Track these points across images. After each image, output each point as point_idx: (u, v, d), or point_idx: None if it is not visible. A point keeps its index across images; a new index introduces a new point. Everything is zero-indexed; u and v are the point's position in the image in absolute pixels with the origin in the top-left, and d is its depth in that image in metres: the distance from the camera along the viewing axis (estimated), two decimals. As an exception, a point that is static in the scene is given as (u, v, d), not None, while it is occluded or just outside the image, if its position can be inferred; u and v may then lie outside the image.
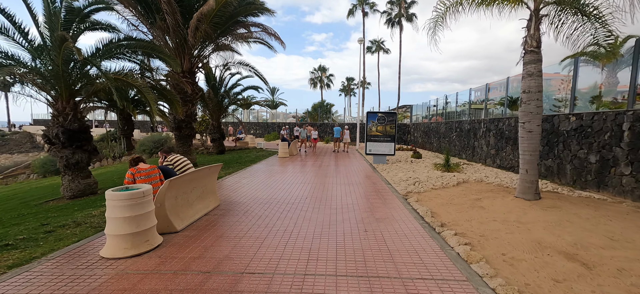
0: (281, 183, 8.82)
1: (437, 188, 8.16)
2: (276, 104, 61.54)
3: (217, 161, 14.91)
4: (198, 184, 5.46)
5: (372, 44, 44.52)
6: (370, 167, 12.51)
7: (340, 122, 31.17)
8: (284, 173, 10.81)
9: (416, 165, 12.88)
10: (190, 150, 12.56)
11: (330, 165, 13.02)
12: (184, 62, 11.99)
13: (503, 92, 13.69)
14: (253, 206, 6.30)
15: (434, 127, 20.16)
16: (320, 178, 9.75)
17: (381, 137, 13.32)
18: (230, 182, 9.02)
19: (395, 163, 13.79)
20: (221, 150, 19.04)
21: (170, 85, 12.15)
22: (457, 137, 16.17)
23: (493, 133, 12.52)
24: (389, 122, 13.26)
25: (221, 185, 8.61)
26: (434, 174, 10.35)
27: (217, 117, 18.55)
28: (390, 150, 13.32)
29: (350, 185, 8.71)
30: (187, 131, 12.33)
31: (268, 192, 7.68)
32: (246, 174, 10.50)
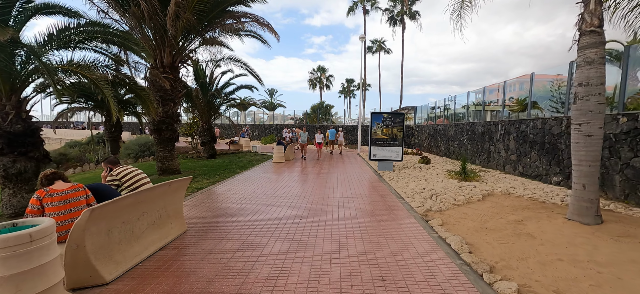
0: (271, 197, 7.37)
1: (461, 203, 6.72)
2: (274, 105, 60.17)
3: (206, 166, 13.46)
4: (151, 207, 4.01)
5: (373, 44, 43.22)
6: (375, 175, 11.08)
7: (335, 125, 29.78)
8: (277, 182, 9.37)
9: (427, 173, 11.45)
10: (171, 155, 11.10)
11: (330, 172, 11.58)
12: (164, 56, 10.55)
13: (521, 91, 12.31)
14: (231, 232, 4.85)
15: (441, 129, 18.74)
16: (318, 190, 8.31)
17: (387, 141, 11.90)
18: (210, 196, 7.57)
19: (402, 169, 12.36)
20: (212, 154, 17.58)
21: (149, 81, 10.72)
22: (469, 141, 14.76)
23: (513, 137, 11.11)
24: (396, 124, 11.85)
25: (198, 199, 7.15)
26: (451, 184, 8.92)
27: (207, 118, 17.09)
28: (397, 155, 11.89)
29: (354, 198, 7.27)
30: (168, 133, 10.88)
31: (254, 210, 6.22)
32: (232, 184, 9.05)
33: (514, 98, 13.85)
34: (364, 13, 33.90)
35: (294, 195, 7.54)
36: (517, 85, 15.30)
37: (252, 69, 14.51)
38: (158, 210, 4.20)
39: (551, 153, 9.19)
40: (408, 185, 8.97)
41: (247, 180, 9.77)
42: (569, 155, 8.41)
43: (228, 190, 8.14)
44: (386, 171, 11.71)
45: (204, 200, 7.00)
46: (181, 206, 4.73)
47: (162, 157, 10.93)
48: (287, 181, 9.57)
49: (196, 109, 16.52)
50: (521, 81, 12.79)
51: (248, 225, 5.21)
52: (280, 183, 9.14)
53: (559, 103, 10.22)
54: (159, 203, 4.19)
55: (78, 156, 21.40)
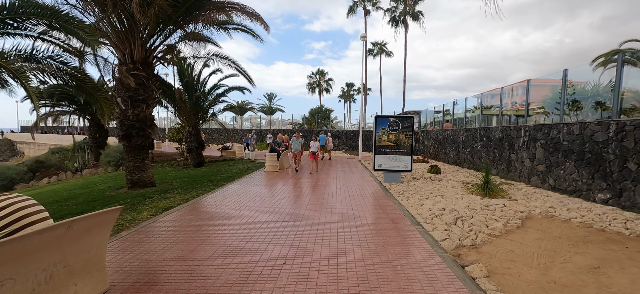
0: (253, 222, 5.80)
1: (498, 234, 5.15)
2: (272, 110, 58.72)
3: (187, 177, 11.89)
4: (44, 260, 2.46)
5: (373, 47, 41.89)
6: (380, 188, 9.51)
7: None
8: (265, 199, 7.80)
9: (440, 185, 9.88)
10: (144, 165, 9.54)
11: (328, 185, 10.01)
12: (134, 49, 9.04)
13: (548, 92, 10.81)
14: (180, 289, 3.29)
15: (449, 135, 17.21)
16: (313, 210, 6.73)
17: (394, 149, 10.35)
18: (174, 220, 5.99)
19: (411, 181, 10.80)
20: (199, 161, 16.02)
21: (116, 79, 9.21)
22: (484, 148, 13.22)
23: (541, 144, 9.57)
24: (405, 129, 10.31)
25: (154, 227, 5.58)
26: (474, 202, 7.37)
27: (193, 123, 15.56)
28: (406, 165, 10.34)
29: (358, 224, 5.70)
30: (140, 140, 9.32)
31: (225, 244, 4.66)
32: (209, 202, 7.48)
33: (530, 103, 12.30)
34: (364, 13, 32.52)
35: (282, 219, 5.96)
36: (539, 89, 13.79)
37: (241, 68, 13.00)
38: (57, 263, 2.64)
39: (594, 165, 7.64)
40: (422, 203, 7.40)
41: (229, 195, 8.20)
42: (620, 167, 6.87)
43: (200, 211, 6.57)
44: (393, 184, 10.15)
45: (162, 229, 5.42)
46: (101, 254, 3.15)
47: (132, 167, 9.36)
48: (276, 197, 8.00)
49: (181, 112, 14.98)
50: (547, 84, 11.33)
51: (208, 274, 3.64)
52: (268, 201, 7.57)
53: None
54: (58, 252, 2.63)
55: (57, 164, 19.85)
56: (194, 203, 7.29)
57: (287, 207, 6.89)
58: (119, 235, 5.04)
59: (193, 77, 15.20)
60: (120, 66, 9.03)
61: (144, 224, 5.57)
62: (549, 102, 10.35)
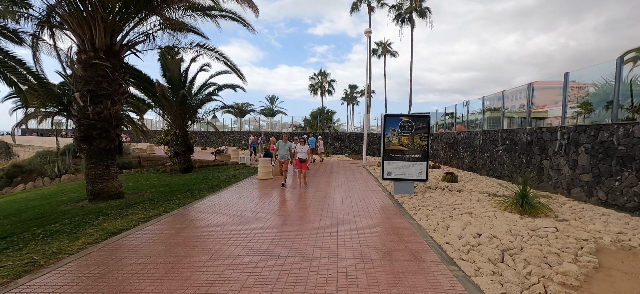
0: (221, 256, 4.23)
1: (575, 282, 3.51)
2: (273, 112, 57.28)
3: (167, 185, 10.37)
4: None
5: (378, 46, 40.36)
6: (391, 201, 7.89)
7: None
8: (247, 217, 6.22)
9: (462, 198, 8.25)
10: (109, 174, 8.02)
11: (327, 197, 8.41)
12: (95, 35, 7.54)
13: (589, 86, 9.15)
14: None
15: (464, 138, 15.55)
16: (306, 237, 5.14)
17: (406, 153, 8.74)
18: (114, 253, 4.44)
19: (426, 191, 9.17)
20: (187, 167, 14.52)
21: (73, 70, 7.72)
22: (507, 152, 11.55)
23: (586, 149, 7.91)
24: (419, 131, 8.69)
25: (88, 260, 4.03)
26: (512, 221, 5.75)
27: (180, 124, 14.06)
28: (420, 173, 8.71)
29: (365, 262, 4.09)
30: (103, 143, 7.81)
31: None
32: (176, 221, 5.92)
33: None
34: (368, 9, 31.01)
35: (262, 252, 4.38)
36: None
37: (230, 62, 11.49)
38: None
39: (666, 175, 5.98)
40: (448, 224, 5.77)
41: (203, 212, 6.63)
42: None
43: (156, 238, 5.00)
44: (405, 196, 8.52)
45: (88, 271, 3.86)
46: None
47: (93, 176, 7.84)
48: (261, 215, 6.42)
49: (166, 112, 13.48)
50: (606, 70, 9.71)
51: None
52: (250, 221, 5.99)
53: None
54: None
55: (38, 169, 18.44)
56: (156, 223, 5.72)
57: (272, 232, 5.30)
58: (16, 282, 3.48)
59: (180, 73, 13.72)
60: (78, 54, 7.54)
61: (66, 262, 4.01)
62: (597, 96, 8.66)
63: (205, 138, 35.27)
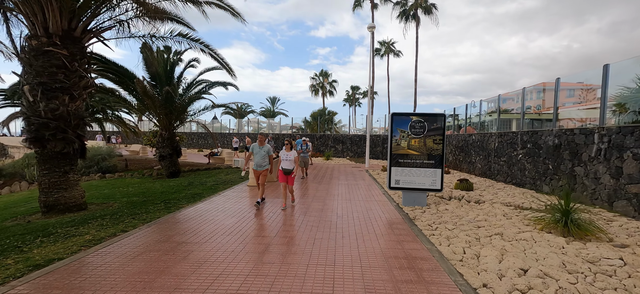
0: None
1: None
2: (274, 113, 56.12)
3: (145, 193, 9.18)
4: None
5: (381, 46, 39.14)
6: (399, 215, 6.61)
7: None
8: (221, 238, 4.98)
9: (484, 212, 6.96)
10: (67, 181, 6.81)
11: (325, 210, 7.15)
12: (48, 17, 6.35)
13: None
14: None
15: (476, 140, 14.25)
16: (292, 274, 3.89)
17: (418, 159, 7.46)
18: (39, 290, 3.20)
19: (440, 202, 7.88)
20: (174, 171, 13.31)
21: (22, 59, 6.52)
22: (529, 157, 10.25)
23: (634, 154, 6.60)
24: (433, 132, 7.41)
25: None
26: (558, 247, 4.49)
27: (165, 124, 12.86)
28: (434, 182, 7.43)
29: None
30: (59, 145, 6.59)
31: None
32: (126, 246, 4.67)
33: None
34: (371, 6, 29.73)
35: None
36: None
37: (218, 54, 10.26)
38: None
39: None
40: (478, 251, 4.49)
41: (166, 231, 5.39)
42: None
43: (88, 276, 3.76)
44: (417, 208, 7.25)
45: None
46: None
47: (48, 185, 6.62)
48: (238, 238, 5.17)
49: (149, 111, 12.28)
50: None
51: None
52: (221, 245, 4.75)
53: None
54: None
55: (19, 172, 17.31)
56: (101, 250, 4.48)
57: (247, 265, 4.04)
58: None
59: (166, 68, 12.52)
60: (28, 40, 6.35)
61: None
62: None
63: (202, 139, 34.14)
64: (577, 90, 12.33)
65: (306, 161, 12.28)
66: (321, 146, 26.10)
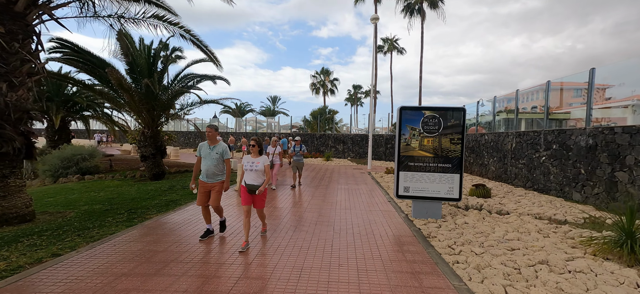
0: None
1: None
2: (275, 113, 54.95)
3: (113, 200, 8.02)
4: None
5: (384, 43, 37.87)
6: (411, 232, 5.38)
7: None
8: (178, 266, 3.78)
9: (515, 228, 5.72)
10: (6, 188, 5.62)
11: (320, 223, 5.92)
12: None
13: None
14: None
15: (489, 140, 12.98)
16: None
17: (431, 162, 6.22)
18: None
19: (457, 213, 6.64)
20: (157, 173, 12.12)
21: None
22: (554, 159, 8.99)
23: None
24: (450, 130, 6.17)
25: None
26: (633, 285, 3.23)
27: (148, 121, 11.68)
28: (451, 190, 6.19)
29: None
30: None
31: None
32: (35, 289, 3.47)
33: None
34: (375, 1, 28.45)
35: None
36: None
37: (201, 41, 9.05)
38: None
39: None
40: (523, 291, 3.25)
41: (109, 259, 4.18)
42: None
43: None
44: (430, 221, 6.00)
45: None
46: None
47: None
48: (196, 269, 3.96)
49: (128, 106, 11.09)
50: None
51: None
52: (171, 283, 3.54)
53: None
54: None
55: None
56: (61, 265, 3.28)
57: None
58: None
59: (149, 59, 11.31)
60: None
61: None
62: None
63: (199, 139, 32.98)
64: (600, 89, 11.12)
65: (300, 165, 9.89)
66: (321, 146, 24.88)
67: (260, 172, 4.41)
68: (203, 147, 4.70)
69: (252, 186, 4.42)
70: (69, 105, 19.26)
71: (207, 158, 4.64)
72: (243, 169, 4.48)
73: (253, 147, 4.46)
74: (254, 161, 4.42)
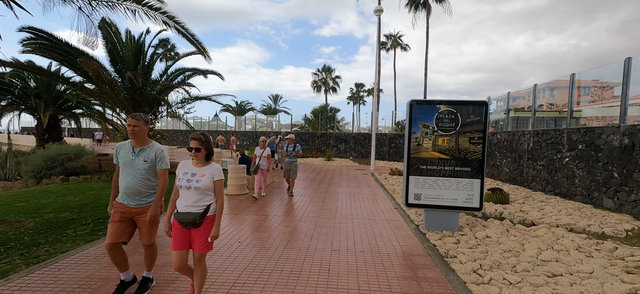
0: None
1: None
2: (275, 111, 54.13)
3: (98, 201, 7.16)
4: None
5: (387, 39, 36.88)
6: (424, 249, 4.49)
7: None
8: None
9: (549, 245, 4.81)
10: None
11: (315, 236, 5.04)
12: None
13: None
14: None
15: (502, 139, 12.03)
16: None
17: (447, 165, 5.31)
18: None
19: (475, 224, 5.73)
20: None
21: None
22: (580, 161, 8.05)
23: None
24: (469, 128, 5.26)
25: None
26: None
27: (134, 119, 10.77)
28: (470, 197, 5.28)
29: None
30: None
31: None
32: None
33: None
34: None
35: None
36: None
37: (186, 29, 8.17)
38: None
39: None
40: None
41: (51, 286, 3.32)
42: None
43: None
44: (446, 234, 5.11)
45: None
46: None
47: None
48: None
49: (111, 101, 10.24)
50: None
51: None
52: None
53: None
54: None
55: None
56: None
57: None
58: None
59: (135, 49, 10.44)
60: None
61: None
62: None
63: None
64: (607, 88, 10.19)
65: (293, 168, 8.07)
66: (322, 145, 24.01)
67: (204, 192, 2.59)
68: (122, 150, 3.00)
69: (186, 216, 2.56)
70: (59, 103, 18.49)
71: (129, 167, 2.93)
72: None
73: (197, 151, 2.62)
74: (196, 173, 2.62)
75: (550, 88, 14.70)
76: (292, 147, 8.18)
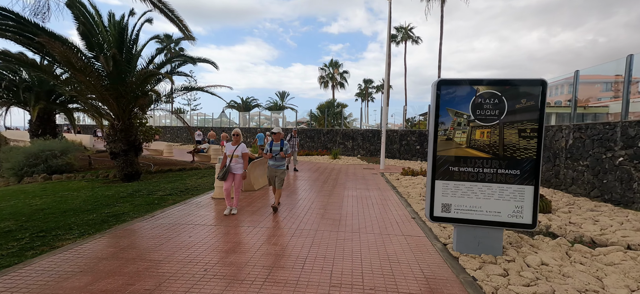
0: None
1: None
2: (282, 107, 53.04)
3: (76, 204, 6.05)
4: None
5: (397, 32, 35.26)
6: (458, 289, 3.15)
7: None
8: None
9: (633, 277, 3.40)
10: None
11: (309, 257, 3.75)
12: None
13: None
14: None
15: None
16: None
17: (486, 166, 3.94)
18: None
19: (521, 245, 4.37)
20: (130, 173, 10.20)
21: None
22: (637, 161, 6.55)
23: None
24: (518, 115, 3.89)
25: None
26: None
27: (117, 111, 9.75)
28: (518, 209, 3.91)
29: None
30: None
31: None
32: None
33: None
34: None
35: None
36: None
37: (165, 5, 6.96)
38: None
39: None
40: None
41: None
42: None
43: None
44: (485, 260, 3.76)
45: None
46: None
47: None
48: None
49: (88, 90, 9.14)
50: None
51: None
52: None
53: None
54: None
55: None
56: None
57: None
58: None
59: (118, 31, 9.30)
60: None
61: None
62: None
63: (202, 134, 31.29)
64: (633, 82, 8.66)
65: (279, 174, 6.01)
66: (328, 142, 22.69)
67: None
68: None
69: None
70: (52, 97, 17.66)
71: None
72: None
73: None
74: None
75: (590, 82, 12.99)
76: (279, 145, 5.93)
